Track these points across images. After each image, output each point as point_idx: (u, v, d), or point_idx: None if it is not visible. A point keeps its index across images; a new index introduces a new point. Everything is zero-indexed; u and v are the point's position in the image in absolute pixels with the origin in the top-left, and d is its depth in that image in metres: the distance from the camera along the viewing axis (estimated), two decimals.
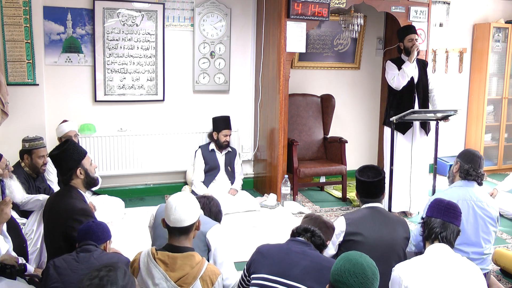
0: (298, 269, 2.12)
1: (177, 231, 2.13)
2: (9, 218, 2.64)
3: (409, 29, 4.62)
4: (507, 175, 5.10)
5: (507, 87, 6.43)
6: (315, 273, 2.12)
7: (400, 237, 2.65)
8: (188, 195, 2.21)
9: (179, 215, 2.10)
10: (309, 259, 2.16)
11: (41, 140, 3.73)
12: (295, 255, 2.18)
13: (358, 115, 6.08)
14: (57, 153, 2.66)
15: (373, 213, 2.70)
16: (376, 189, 2.75)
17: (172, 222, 2.11)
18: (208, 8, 5.14)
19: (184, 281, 2.04)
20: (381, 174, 2.77)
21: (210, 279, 2.09)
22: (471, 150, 3.08)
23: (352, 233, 2.60)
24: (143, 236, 3.57)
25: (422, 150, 4.66)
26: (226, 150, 5.02)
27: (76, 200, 2.61)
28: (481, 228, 2.89)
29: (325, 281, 2.06)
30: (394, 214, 4.43)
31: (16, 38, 4.41)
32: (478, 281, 2.09)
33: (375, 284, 1.72)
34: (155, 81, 5.05)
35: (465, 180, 2.97)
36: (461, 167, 2.99)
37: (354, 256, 1.75)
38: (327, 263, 2.15)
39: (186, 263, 2.07)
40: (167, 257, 2.09)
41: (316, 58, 5.72)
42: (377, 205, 2.75)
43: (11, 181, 3.09)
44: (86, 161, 2.71)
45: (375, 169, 2.82)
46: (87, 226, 2.33)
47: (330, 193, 5.43)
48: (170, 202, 2.14)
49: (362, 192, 2.79)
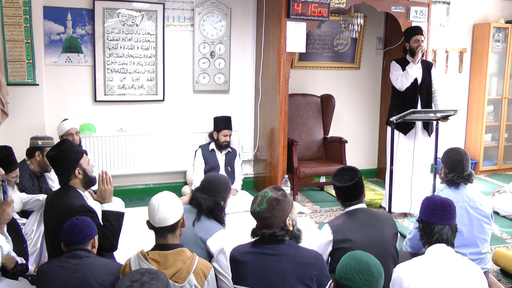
0: (276, 274, 2.09)
1: (163, 231, 2.14)
2: (10, 218, 2.64)
3: (416, 30, 4.61)
4: (507, 175, 5.11)
5: (507, 87, 6.43)
6: (295, 272, 2.09)
7: (389, 234, 2.60)
8: (169, 194, 2.22)
9: (163, 214, 2.12)
10: (285, 259, 2.11)
11: (52, 139, 3.81)
12: (269, 258, 2.13)
13: (358, 115, 6.08)
14: (55, 153, 2.66)
15: (358, 215, 2.62)
16: (355, 191, 2.65)
17: (157, 222, 2.13)
18: (208, 8, 5.14)
19: (179, 277, 2.05)
20: (357, 175, 2.66)
21: (203, 272, 2.11)
22: (452, 155, 2.99)
23: (340, 241, 2.49)
24: (143, 236, 3.56)
25: (424, 151, 4.66)
26: (226, 150, 5.02)
27: (74, 198, 2.60)
28: (477, 229, 2.90)
29: (306, 277, 2.07)
30: (394, 215, 4.45)
31: (16, 38, 4.41)
32: (479, 282, 2.09)
33: (380, 282, 1.74)
34: (155, 81, 5.05)
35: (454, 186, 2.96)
36: (446, 175, 2.98)
37: (360, 254, 1.78)
38: (305, 259, 2.12)
39: (178, 258, 2.09)
40: (158, 255, 2.10)
41: (316, 58, 5.72)
42: (359, 206, 2.66)
43: (12, 192, 3.09)
44: (83, 160, 2.71)
45: (350, 170, 2.72)
46: (72, 224, 2.22)
47: (330, 193, 5.43)
48: (152, 203, 2.15)
49: (342, 197, 2.70)
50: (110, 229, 2.58)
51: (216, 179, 2.66)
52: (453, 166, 2.95)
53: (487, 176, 6.35)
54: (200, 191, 2.59)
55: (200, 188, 2.62)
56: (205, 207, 2.52)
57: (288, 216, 2.20)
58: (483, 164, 6.45)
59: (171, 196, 2.21)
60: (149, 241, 2.27)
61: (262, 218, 2.17)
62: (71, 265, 2.09)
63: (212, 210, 2.53)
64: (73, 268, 2.08)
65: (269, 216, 2.15)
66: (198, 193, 2.58)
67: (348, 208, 2.68)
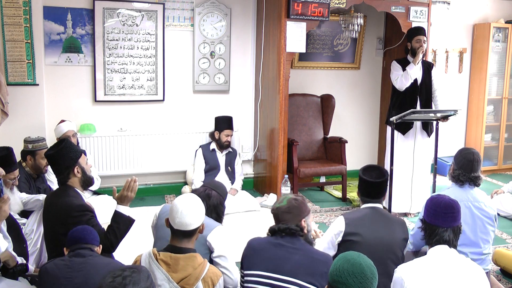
0: (290, 264, 2.16)
1: (181, 234, 2.13)
2: (7, 215, 2.63)
3: (418, 30, 4.61)
4: (507, 175, 5.11)
5: (507, 87, 6.44)
6: (307, 266, 2.15)
7: (399, 238, 2.63)
8: (195, 199, 2.20)
9: (184, 219, 2.10)
10: (300, 253, 2.19)
11: (43, 141, 3.72)
12: (286, 249, 2.21)
13: (358, 115, 6.07)
14: (54, 152, 2.65)
15: (373, 214, 2.68)
16: (378, 190, 2.73)
17: (177, 225, 2.11)
18: (208, 8, 5.14)
19: (187, 282, 2.04)
20: (384, 176, 2.74)
21: (211, 281, 2.09)
22: (465, 153, 2.99)
23: (351, 233, 2.58)
24: (143, 236, 3.57)
25: (424, 151, 4.66)
26: (227, 150, 5.02)
27: (73, 198, 2.60)
28: (479, 229, 2.89)
29: (317, 273, 2.14)
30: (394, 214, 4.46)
31: (16, 38, 4.41)
32: (481, 283, 2.08)
33: (374, 283, 1.71)
34: (155, 81, 5.05)
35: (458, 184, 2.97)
36: (453, 171, 2.99)
37: (353, 256, 1.74)
38: (318, 256, 2.21)
39: (189, 264, 2.07)
40: (169, 258, 2.08)
41: (316, 58, 5.72)
42: (376, 206, 2.74)
43: (11, 193, 3.09)
44: (82, 160, 2.71)
45: (379, 169, 2.80)
46: (82, 228, 2.24)
47: (330, 193, 5.43)
48: (176, 205, 2.13)
49: (363, 192, 2.77)
50: (115, 231, 2.57)
51: (221, 183, 2.81)
52: (463, 164, 2.94)
53: (487, 176, 6.34)
54: (209, 186, 2.67)
55: (210, 185, 2.70)
56: (214, 201, 2.59)
57: (304, 218, 2.36)
58: (483, 164, 6.44)
59: (196, 202, 2.18)
60: (149, 241, 2.27)
61: (280, 213, 2.35)
62: (75, 263, 2.08)
63: (217, 205, 2.62)
64: (77, 267, 2.07)
65: (287, 211, 2.34)
66: (206, 187, 2.65)
67: (365, 205, 2.75)
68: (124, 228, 2.61)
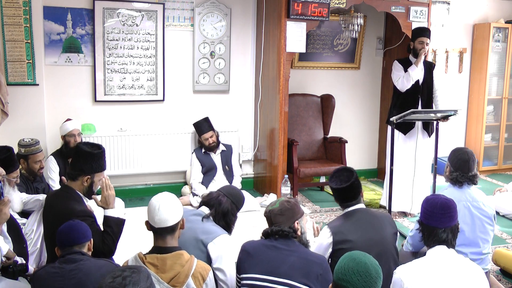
0: (285, 266, 2.15)
1: (163, 232, 2.14)
2: (8, 218, 2.63)
3: (423, 31, 4.58)
4: (507, 175, 5.11)
5: (507, 87, 6.43)
6: (302, 267, 2.14)
7: (389, 233, 2.59)
8: (170, 195, 2.21)
9: (163, 215, 2.12)
10: (295, 254, 2.19)
11: (37, 144, 3.63)
12: (281, 251, 2.20)
13: (358, 115, 6.08)
14: (88, 151, 2.65)
15: (357, 216, 2.62)
16: (352, 192, 2.65)
17: (157, 223, 2.13)
18: (208, 8, 5.14)
19: (177, 281, 2.04)
20: (353, 175, 2.65)
21: (201, 275, 2.10)
22: (458, 154, 2.98)
23: (340, 242, 2.49)
24: (143, 236, 3.56)
25: (425, 151, 4.66)
26: (220, 150, 5.00)
27: (75, 202, 2.61)
28: (478, 228, 2.90)
29: (312, 275, 2.13)
30: (393, 214, 4.46)
31: (16, 38, 4.41)
32: (481, 283, 2.08)
33: (378, 283, 1.72)
34: (155, 81, 5.05)
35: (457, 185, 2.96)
36: (451, 173, 2.98)
37: (358, 255, 1.76)
38: (313, 258, 2.20)
39: (176, 262, 2.08)
40: (156, 259, 2.08)
41: (316, 58, 5.72)
42: (358, 207, 2.66)
43: (12, 191, 3.09)
44: (98, 175, 2.71)
45: (346, 171, 2.70)
46: (67, 225, 2.22)
47: (330, 193, 5.43)
48: (152, 203, 2.15)
49: (339, 199, 2.70)
50: (111, 235, 2.61)
51: (240, 191, 2.74)
52: (459, 165, 2.94)
53: (487, 176, 6.35)
54: (224, 192, 2.62)
55: (224, 190, 2.65)
56: (223, 207, 2.54)
57: (297, 220, 2.35)
58: (483, 164, 6.45)
59: (172, 197, 2.20)
60: (148, 241, 2.27)
61: (273, 216, 2.34)
62: (65, 271, 2.07)
63: (227, 213, 2.55)
64: (68, 275, 2.06)
65: (279, 213, 2.33)
66: (220, 193, 2.61)
67: (347, 209, 2.68)
68: (117, 229, 2.65)
